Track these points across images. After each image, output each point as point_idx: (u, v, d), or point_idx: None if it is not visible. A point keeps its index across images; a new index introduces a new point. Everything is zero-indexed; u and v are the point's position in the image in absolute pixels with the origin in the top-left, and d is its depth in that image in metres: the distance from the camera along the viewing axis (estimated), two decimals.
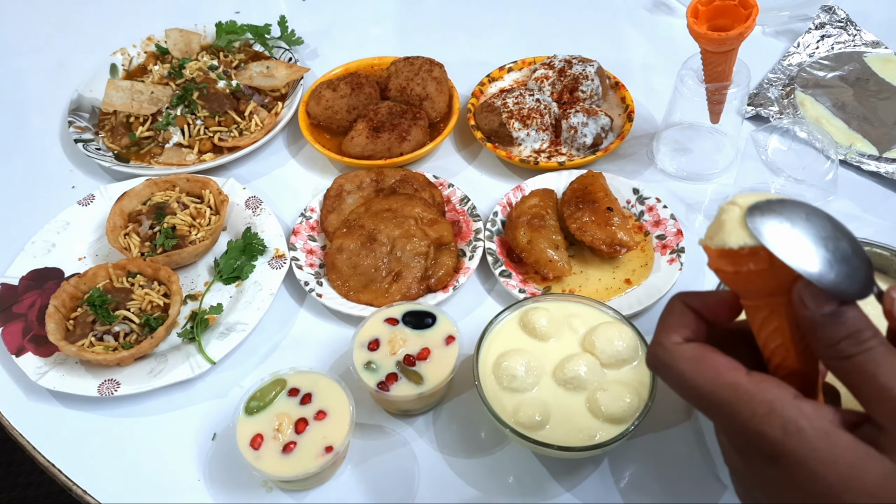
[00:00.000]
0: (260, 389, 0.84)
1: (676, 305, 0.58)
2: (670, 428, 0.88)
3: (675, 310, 0.58)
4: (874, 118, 1.21)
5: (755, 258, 0.50)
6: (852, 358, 0.50)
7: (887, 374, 0.49)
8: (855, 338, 0.50)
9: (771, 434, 0.49)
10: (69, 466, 0.89)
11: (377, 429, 0.91)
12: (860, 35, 1.36)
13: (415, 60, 1.27)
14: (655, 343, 0.57)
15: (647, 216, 1.09)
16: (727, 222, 0.51)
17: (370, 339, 0.89)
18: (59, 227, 1.12)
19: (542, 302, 0.89)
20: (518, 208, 1.07)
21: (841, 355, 0.50)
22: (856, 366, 0.50)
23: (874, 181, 1.15)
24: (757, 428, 0.50)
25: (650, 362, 0.58)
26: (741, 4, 0.97)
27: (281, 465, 0.79)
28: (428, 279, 1.02)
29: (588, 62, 1.25)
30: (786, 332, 0.53)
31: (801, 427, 0.49)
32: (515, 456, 0.87)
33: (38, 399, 0.96)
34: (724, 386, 0.52)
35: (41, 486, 1.81)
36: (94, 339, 0.96)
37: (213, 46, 1.39)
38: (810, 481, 0.48)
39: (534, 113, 1.18)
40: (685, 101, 1.11)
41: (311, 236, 1.11)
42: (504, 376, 0.83)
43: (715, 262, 0.54)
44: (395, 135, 1.17)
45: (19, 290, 1.05)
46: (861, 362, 0.49)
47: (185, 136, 1.24)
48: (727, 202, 0.52)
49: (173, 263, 1.06)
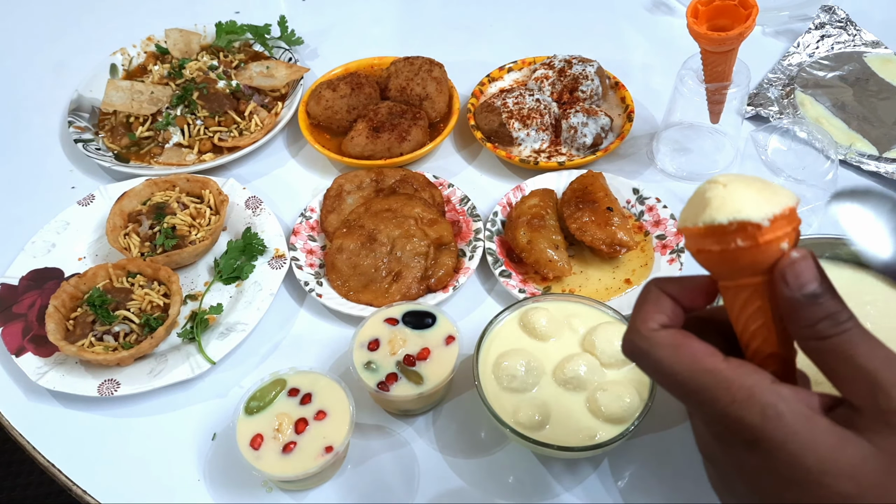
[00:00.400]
0: (260, 389, 0.84)
1: (652, 291, 0.58)
2: (670, 428, 0.88)
3: (651, 296, 0.57)
4: (874, 118, 1.22)
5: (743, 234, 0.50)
6: (830, 339, 0.50)
7: (864, 354, 0.49)
8: (833, 318, 0.50)
9: (750, 419, 0.49)
10: (69, 466, 0.89)
11: (377, 429, 0.91)
12: (860, 35, 1.36)
13: (415, 60, 1.27)
14: (632, 330, 0.56)
15: (647, 216, 1.09)
16: (714, 199, 0.51)
17: (370, 339, 0.89)
18: (59, 227, 1.12)
19: (542, 302, 0.89)
20: (518, 208, 1.07)
21: (819, 335, 0.50)
22: (833, 346, 0.50)
23: (874, 181, 1.15)
24: (737, 413, 0.50)
25: (626, 349, 0.57)
26: (741, 4, 0.97)
27: (281, 465, 0.79)
28: (428, 279, 1.02)
29: (588, 62, 1.25)
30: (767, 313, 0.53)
31: (780, 412, 0.49)
32: (515, 456, 0.87)
33: (38, 399, 0.96)
34: (702, 372, 0.52)
35: (41, 486, 1.81)
36: (94, 339, 0.96)
37: (213, 46, 1.39)
38: (789, 465, 0.48)
39: (534, 113, 1.18)
40: (685, 101, 1.11)
41: (311, 236, 1.11)
42: (504, 376, 0.83)
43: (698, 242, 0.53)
44: (395, 135, 1.17)
45: (19, 290, 1.05)
46: (838, 343, 0.50)
47: (185, 136, 1.24)
48: (707, 182, 0.52)
49: (173, 263, 1.06)
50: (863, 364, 0.49)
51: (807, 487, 0.48)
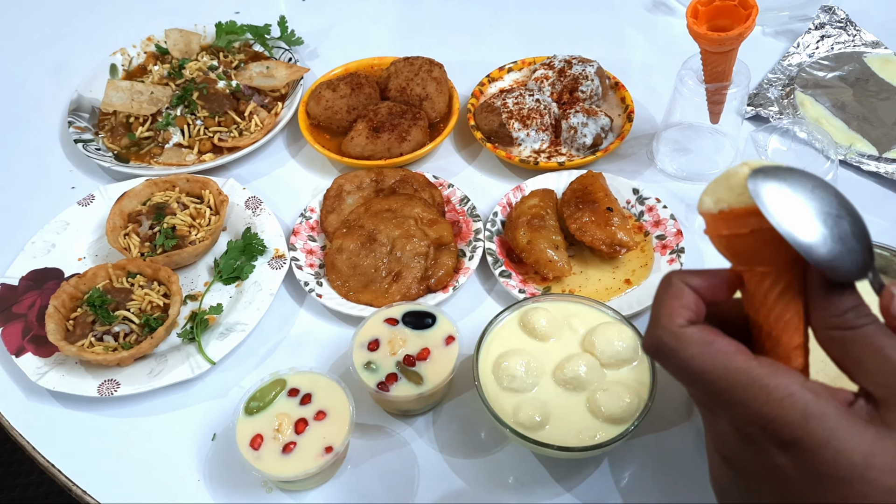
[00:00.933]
0: (260, 389, 0.84)
1: (674, 285, 0.55)
2: (670, 428, 0.88)
3: (674, 290, 0.55)
4: (874, 118, 1.22)
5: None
6: (859, 329, 0.50)
7: (890, 346, 0.49)
8: (859, 310, 0.50)
9: (792, 418, 0.48)
10: (69, 466, 0.89)
11: (377, 429, 0.91)
12: (860, 35, 1.36)
13: (415, 60, 1.27)
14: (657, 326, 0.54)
15: (647, 216, 1.09)
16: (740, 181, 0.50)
17: (370, 339, 0.89)
18: (58, 228, 1.12)
19: (542, 302, 0.89)
20: (518, 208, 1.07)
21: (847, 325, 0.50)
22: (861, 336, 0.50)
23: (874, 181, 1.15)
24: (775, 413, 0.49)
25: (650, 346, 0.55)
26: (741, 4, 0.97)
27: (281, 466, 0.79)
28: (428, 279, 1.02)
29: (588, 62, 1.25)
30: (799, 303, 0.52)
31: (822, 410, 0.48)
32: (515, 456, 0.87)
33: (38, 399, 0.96)
34: (735, 371, 0.51)
35: (41, 486, 1.81)
36: (94, 340, 0.96)
37: (213, 46, 1.39)
38: (833, 463, 0.48)
39: (534, 113, 1.18)
40: (685, 101, 1.11)
41: (310, 236, 1.11)
42: (504, 376, 0.83)
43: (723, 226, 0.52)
44: (394, 135, 1.17)
45: (19, 290, 1.05)
46: (865, 334, 0.50)
47: (185, 137, 1.24)
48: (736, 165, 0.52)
49: (173, 264, 1.06)
50: (888, 355, 0.49)
51: (852, 484, 0.47)
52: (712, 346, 0.52)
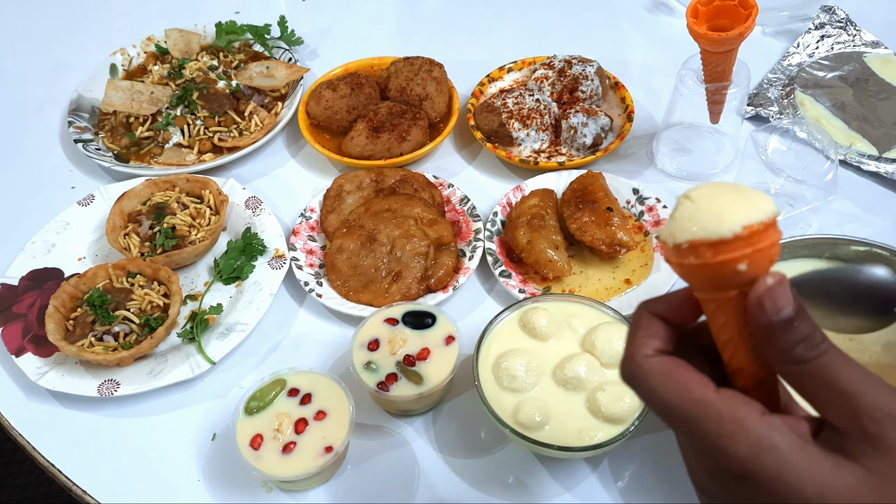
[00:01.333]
0: (260, 389, 0.84)
1: (642, 317, 0.56)
2: (670, 428, 0.88)
3: (642, 322, 0.56)
4: (874, 118, 1.22)
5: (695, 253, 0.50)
6: (810, 362, 0.49)
7: (844, 377, 0.48)
8: (809, 342, 0.49)
9: (741, 452, 0.48)
10: (69, 466, 0.89)
11: (377, 429, 0.91)
12: (860, 35, 1.36)
13: (415, 60, 1.27)
14: (626, 357, 0.55)
15: (647, 216, 1.09)
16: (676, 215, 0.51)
17: (370, 339, 0.89)
18: (58, 228, 1.12)
19: (542, 302, 0.89)
20: (518, 208, 1.07)
21: (797, 360, 0.49)
22: (813, 370, 0.49)
23: (874, 181, 1.15)
24: (725, 446, 0.49)
25: (623, 376, 0.56)
26: (741, 4, 0.97)
27: (281, 466, 0.79)
28: (428, 279, 1.02)
29: (588, 62, 1.25)
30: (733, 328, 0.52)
31: (774, 443, 0.48)
32: (515, 456, 0.87)
33: (38, 399, 0.96)
34: (691, 402, 0.50)
35: (41, 486, 1.81)
36: (94, 340, 0.96)
37: (213, 46, 1.39)
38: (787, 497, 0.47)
39: (534, 113, 1.18)
40: (685, 101, 1.11)
41: (310, 236, 1.11)
42: (504, 376, 0.83)
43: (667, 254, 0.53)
44: (394, 135, 1.17)
45: (19, 290, 1.05)
46: (817, 367, 0.49)
47: (185, 137, 1.24)
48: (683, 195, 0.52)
49: (173, 263, 1.06)
50: (843, 387, 0.48)
51: None
52: (672, 377, 0.52)
